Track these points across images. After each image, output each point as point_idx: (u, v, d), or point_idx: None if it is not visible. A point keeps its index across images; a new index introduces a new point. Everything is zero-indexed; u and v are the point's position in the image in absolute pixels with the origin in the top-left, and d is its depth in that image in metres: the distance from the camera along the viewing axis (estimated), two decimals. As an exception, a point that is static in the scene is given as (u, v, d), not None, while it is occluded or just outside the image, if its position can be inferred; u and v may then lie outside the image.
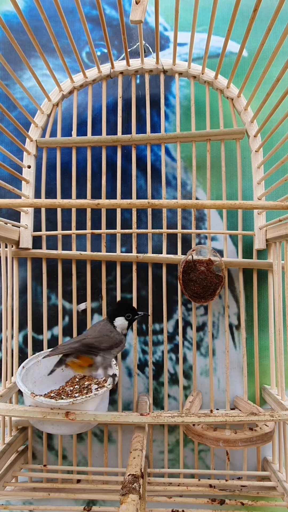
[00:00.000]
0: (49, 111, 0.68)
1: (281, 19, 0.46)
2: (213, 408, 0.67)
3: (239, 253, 0.67)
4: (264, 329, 0.67)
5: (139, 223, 0.69)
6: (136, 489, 0.37)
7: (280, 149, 0.54)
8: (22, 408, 0.50)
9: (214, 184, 0.70)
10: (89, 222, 0.67)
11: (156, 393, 0.69)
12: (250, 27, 0.49)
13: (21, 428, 0.67)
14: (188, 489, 0.61)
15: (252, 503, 0.59)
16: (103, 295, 0.68)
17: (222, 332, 0.69)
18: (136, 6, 0.42)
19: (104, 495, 0.60)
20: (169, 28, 0.72)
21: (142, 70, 0.68)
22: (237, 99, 0.67)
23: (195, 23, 0.54)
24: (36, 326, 0.68)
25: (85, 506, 0.60)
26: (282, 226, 0.57)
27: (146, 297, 0.68)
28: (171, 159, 0.71)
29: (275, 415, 0.49)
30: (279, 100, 0.52)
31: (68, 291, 0.69)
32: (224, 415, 0.50)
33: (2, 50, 0.72)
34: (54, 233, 0.68)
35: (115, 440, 0.68)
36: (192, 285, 0.64)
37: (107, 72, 0.68)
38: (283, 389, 0.59)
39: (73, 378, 0.62)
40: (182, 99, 0.71)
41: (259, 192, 0.65)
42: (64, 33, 0.54)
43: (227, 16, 0.51)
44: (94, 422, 0.51)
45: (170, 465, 0.68)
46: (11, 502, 0.66)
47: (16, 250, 0.66)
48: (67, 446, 0.69)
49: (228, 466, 0.66)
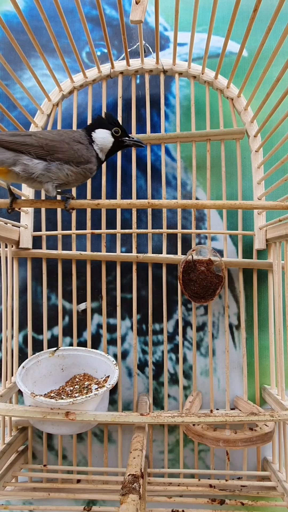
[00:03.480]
0: (49, 111, 0.68)
1: (281, 19, 0.46)
2: (213, 408, 0.67)
3: (239, 253, 0.67)
4: (264, 329, 0.67)
5: (139, 223, 0.69)
6: (136, 489, 0.37)
7: (280, 149, 0.54)
8: (22, 408, 0.50)
9: (214, 184, 0.70)
10: (89, 222, 0.67)
11: (156, 393, 0.69)
12: (250, 27, 0.49)
13: (21, 428, 0.67)
14: (188, 489, 0.61)
15: (252, 503, 0.59)
16: (103, 295, 0.68)
17: (222, 332, 0.69)
18: (136, 6, 0.42)
19: (104, 495, 0.60)
20: (169, 28, 0.72)
21: (142, 70, 0.68)
22: (237, 99, 0.67)
23: (195, 23, 0.54)
24: (36, 326, 0.68)
25: (85, 506, 0.60)
26: (282, 226, 0.57)
27: (146, 297, 0.68)
28: (171, 159, 0.71)
29: (275, 415, 0.49)
30: (279, 100, 0.52)
31: (68, 291, 0.69)
32: (224, 415, 0.50)
33: (2, 50, 0.72)
34: (54, 233, 0.68)
35: (115, 440, 0.68)
36: (192, 285, 0.64)
37: (107, 72, 0.68)
38: (283, 389, 0.59)
39: (73, 378, 0.62)
40: (182, 99, 0.71)
41: (259, 192, 0.65)
42: (64, 33, 0.54)
43: (227, 16, 0.51)
44: (94, 422, 0.52)
45: (170, 465, 0.68)
46: (11, 502, 0.66)
47: (16, 250, 0.66)
48: (67, 446, 0.69)
49: (228, 466, 0.66)
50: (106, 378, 0.59)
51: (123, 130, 0.46)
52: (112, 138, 0.44)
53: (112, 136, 0.43)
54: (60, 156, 0.44)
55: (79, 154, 0.44)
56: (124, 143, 0.46)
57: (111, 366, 0.58)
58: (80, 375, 0.62)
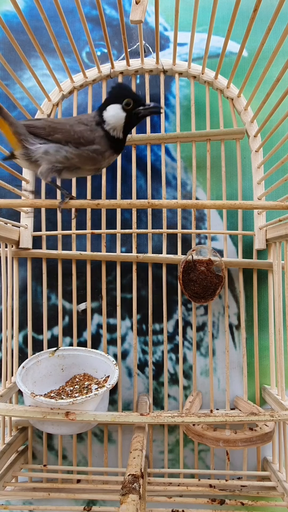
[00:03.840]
0: (49, 111, 0.68)
1: (281, 19, 0.46)
2: (213, 408, 0.67)
3: (239, 253, 0.67)
4: (264, 329, 0.67)
5: (139, 223, 0.69)
6: (136, 489, 0.37)
7: (280, 149, 0.54)
8: (22, 408, 0.50)
9: (214, 184, 0.70)
10: (89, 222, 0.67)
11: (156, 393, 0.69)
12: (250, 27, 0.49)
13: (21, 428, 0.67)
14: (188, 489, 0.61)
15: (252, 503, 0.59)
16: (103, 295, 0.68)
17: (222, 332, 0.69)
18: (136, 6, 0.42)
19: (104, 495, 0.60)
20: (169, 28, 0.72)
21: (142, 70, 0.68)
22: (237, 99, 0.67)
23: (195, 23, 0.54)
24: (36, 326, 0.68)
25: (85, 506, 0.60)
26: (282, 226, 0.57)
27: (146, 297, 0.68)
28: (171, 159, 0.71)
29: (275, 415, 0.49)
30: (279, 100, 0.52)
31: (68, 291, 0.69)
32: (224, 415, 0.50)
33: (2, 50, 0.72)
34: (54, 233, 0.68)
35: (115, 440, 0.68)
36: (192, 285, 0.64)
37: (107, 72, 0.68)
38: (283, 389, 0.59)
39: (73, 378, 0.62)
40: (182, 99, 0.71)
41: (259, 192, 0.65)
42: (64, 33, 0.54)
43: (227, 16, 0.51)
44: (94, 422, 0.51)
45: (170, 465, 0.68)
46: (11, 502, 0.66)
47: (16, 250, 0.66)
48: (67, 446, 0.69)
49: (228, 466, 0.66)
50: (106, 378, 0.59)
51: (136, 99, 0.42)
52: (124, 112, 0.40)
53: (123, 110, 0.40)
54: (59, 137, 0.43)
55: (78, 136, 0.42)
56: (139, 115, 0.42)
57: (111, 366, 0.58)
58: (80, 375, 0.62)
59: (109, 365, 0.59)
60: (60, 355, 0.63)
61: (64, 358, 0.63)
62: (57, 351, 0.63)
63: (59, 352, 0.63)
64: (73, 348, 0.65)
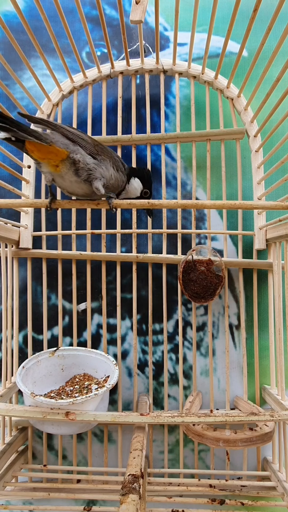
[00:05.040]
0: (49, 111, 0.68)
1: (281, 19, 0.46)
2: (213, 408, 0.67)
3: (239, 253, 0.67)
4: (264, 329, 0.67)
5: (139, 223, 0.69)
6: (136, 489, 0.37)
7: (280, 149, 0.54)
8: (22, 408, 0.50)
9: (214, 184, 0.70)
10: (89, 222, 0.67)
11: (156, 393, 0.69)
12: (250, 27, 0.49)
13: (21, 428, 0.67)
14: (188, 489, 0.61)
15: (252, 503, 0.59)
16: (103, 295, 0.68)
17: (222, 332, 0.69)
18: (136, 6, 0.42)
19: (104, 495, 0.60)
20: (169, 28, 0.72)
21: (142, 70, 0.68)
22: (237, 99, 0.67)
23: (195, 23, 0.54)
24: (36, 326, 0.68)
25: (85, 506, 0.60)
26: (282, 226, 0.57)
27: (146, 297, 0.68)
28: (171, 159, 0.71)
29: (275, 415, 0.49)
30: (279, 100, 0.52)
31: (68, 291, 0.69)
32: (224, 415, 0.50)
33: (2, 50, 0.72)
34: (54, 233, 0.68)
35: (115, 440, 0.68)
36: (192, 285, 0.64)
37: (107, 72, 0.68)
38: (283, 389, 0.59)
39: (73, 378, 0.62)
40: (182, 99, 0.71)
41: (259, 192, 0.65)
42: (64, 33, 0.54)
43: (227, 16, 0.51)
44: (94, 422, 0.52)
45: (170, 465, 0.68)
46: (11, 502, 0.66)
47: (16, 250, 0.66)
48: (67, 446, 0.69)
49: (228, 466, 0.66)
50: (106, 378, 0.59)
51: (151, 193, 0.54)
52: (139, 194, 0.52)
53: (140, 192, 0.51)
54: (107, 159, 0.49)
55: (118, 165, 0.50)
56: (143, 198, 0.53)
57: (111, 366, 0.58)
58: (80, 375, 0.62)
59: (109, 365, 0.59)
60: (60, 355, 0.63)
61: (64, 358, 0.63)
62: (57, 351, 0.63)
63: (59, 352, 0.63)
64: (73, 348, 0.65)
